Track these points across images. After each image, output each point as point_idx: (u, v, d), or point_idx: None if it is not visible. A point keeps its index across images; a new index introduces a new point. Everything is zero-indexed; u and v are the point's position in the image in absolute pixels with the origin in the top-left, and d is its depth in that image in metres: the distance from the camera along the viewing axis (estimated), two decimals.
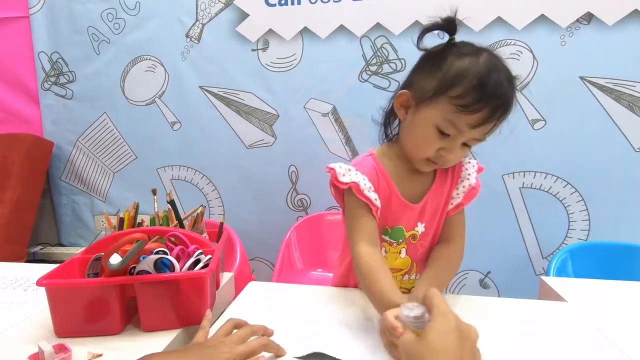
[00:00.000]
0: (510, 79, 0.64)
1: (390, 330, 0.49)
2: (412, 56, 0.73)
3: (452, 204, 0.77)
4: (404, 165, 0.74)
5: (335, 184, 0.72)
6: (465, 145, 0.67)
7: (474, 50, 0.66)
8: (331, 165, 0.73)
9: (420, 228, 0.76)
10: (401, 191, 0.74)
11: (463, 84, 0.62)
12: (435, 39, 0.70)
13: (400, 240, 0.76)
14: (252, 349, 0.55)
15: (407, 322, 0.46)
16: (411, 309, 0.46)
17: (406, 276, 0.80)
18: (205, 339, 0.59)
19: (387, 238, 0.76)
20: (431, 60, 0.68)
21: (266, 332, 0.61)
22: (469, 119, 0.62)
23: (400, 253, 0.77)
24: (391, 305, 0.54)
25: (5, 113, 1.76)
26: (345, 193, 0.73)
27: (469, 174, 0.77)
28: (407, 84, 0.71)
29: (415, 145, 0.70)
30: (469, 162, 0.79)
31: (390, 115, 0.77)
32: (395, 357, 0.52)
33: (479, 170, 0.79)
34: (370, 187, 0.70)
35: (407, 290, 0.79)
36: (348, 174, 0.71)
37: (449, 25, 0.67)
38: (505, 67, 0.65)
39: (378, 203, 0.70)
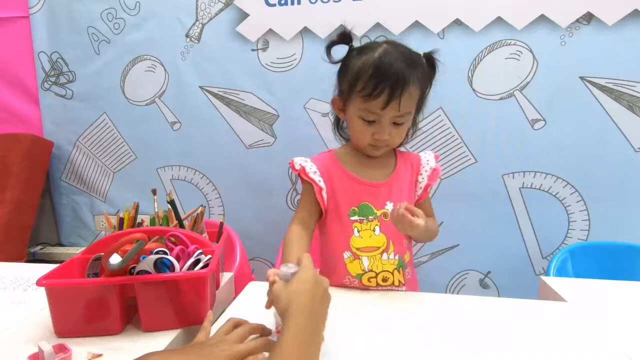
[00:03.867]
0: (406, 57, 0.74)
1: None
2: None
3: (420, 188, 0.85)
4: (366, 156, 0.85)
5: (293, 171, 0.85)
6: (396, 124, 0.77)
7: (371, 47, 0.77)
8: (292, 159, 0.86)
9: (389, 207, 0.82)
10: (362, 175, 0.83)
11: (362, 77, 0.74)
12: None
13: (371, 217, 0.82)
14: (252, 348, 0.55)
15: (283, 277, 0.57)
16: (289, 267, 0.58)
17: (384, 255, 0.81)
18: (206, 339, 0.59)
19: (355, 217, 0.82)
20: (342, 67, 0.81)
21: (264, 331, 0.61)
22: (376, 103, 0.73)
23: (374, 230, 0.82)
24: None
25: (5, 113, 1.76)
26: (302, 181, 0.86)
27: (428, 161, 0.87)
28: (338, 90, 0.84)
29: (355, 136, 0.82)
30: (426, 153, 0.89)
31: (339, 119, 0.89)
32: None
33: (436, 157, 0.88)
34: (315, 172, 0.83)
35: (390, 273, 0.81)
36: (301, 162, 0.84)
37: (344, 38, 0.80)
38: (401, 50, 0.75)
39: (322, 184, 0.82)
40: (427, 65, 0.78)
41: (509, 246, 1.45)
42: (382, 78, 0.72)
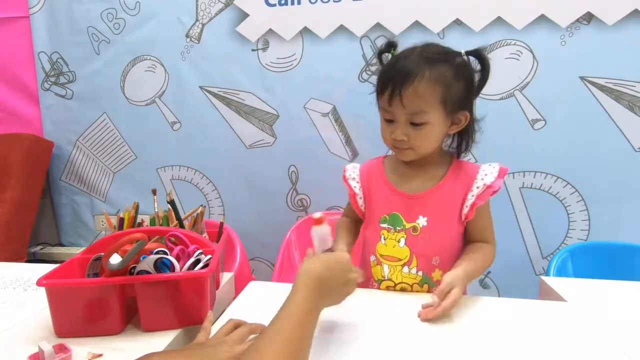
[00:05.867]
0: (424, 55, 0.73)
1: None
2: None
3: (467, 206, 0.78)
4: (411, 165, 0.82)
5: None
6: (414, 124, 0.74)
7: (404, 49, 0.77)
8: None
9: (421, 221, 0.79)
10: (400, 184, 0.82)
11: (377, 80, 0.76)
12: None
13: (399, 228, 0.80)
14: None
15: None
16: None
17: (405, 267, 0.81)
18: (207, 339, 0.59)
19: (385, 225, 0.82)
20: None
21: None
22: (384, 98, 0.74)
23: (398, 242, 0.80)
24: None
25: (5, 113, 1.76)
26: None
27: (485, 175, 0.78)
28: None
29: (382, 137, 0.81)
30: (490, 166, 0.79)
31: None
32: None
33: (502, 171, 0.78)
34: (354, 177, 0.88)
35: (409, 285, 0.81)
36: (349, 166, 0.91)
37: (388, 46, 0.79)
38: (426, 48, 0.74)
39: (356, 190, 0.87)
40: (466, 64, 0.74)
41: (509, 246, 1.45)
42: (388, 74, 0.73)
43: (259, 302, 0.77)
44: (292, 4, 1.46)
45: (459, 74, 0.73)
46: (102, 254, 0.65)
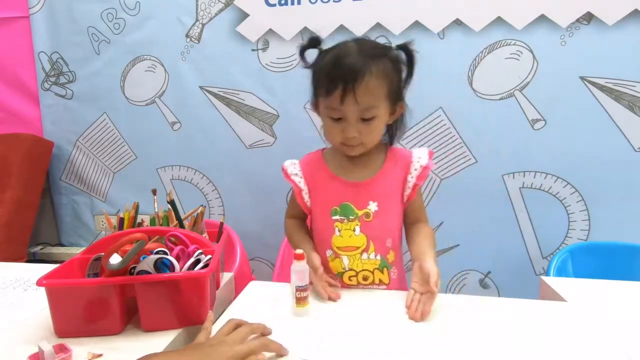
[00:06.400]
0: (364, 51, 0.74)
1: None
2: None
3: (409, 187, 0.83)
4: (351, 156, 0.84)
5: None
6: (364, 120, 0.75)
7: (335, 47, 0.78)
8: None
9: (372, 207, 0.82)
10: (345, 174, 0.84)
11: (320, 80, 0.77)
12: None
13: (352, 217, 0.82)
14: (252, 348, 0.55)
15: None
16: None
17: (364, 254, 0.82)
18: (207, 339, 0.59)
19: (337, 217, 0.83)
20: (312, 70, 0.81)
21: (265, 331, 0.61)
22: (334, 99, 0.73)
23: (354, 230, 0.82)
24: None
25: (5, 113, 1.76)
26: None
27: (419, 158, 0.83)
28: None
29: (328, 136, 0.83)
30: (419, 149, 0.86)
31: None
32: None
33: (430, 153, 0.85)
34: (296, 173, 0.88)
35: (370, 272, 0.83)
36: (288, 163, 0.91)
37: (313, 42, 0.81)
38: (363, 45, 0.75)
39: (301, 186, 0.87)
40: (400, 56, 0.77)
41: (509, 246, 1.45)
42: (335, 73, 0.73)
43: (259, 302, 0.77)
44: (292, 4, 1.46)
45: (396, 67, 0.77)
46: (102, 254, 0.65)
